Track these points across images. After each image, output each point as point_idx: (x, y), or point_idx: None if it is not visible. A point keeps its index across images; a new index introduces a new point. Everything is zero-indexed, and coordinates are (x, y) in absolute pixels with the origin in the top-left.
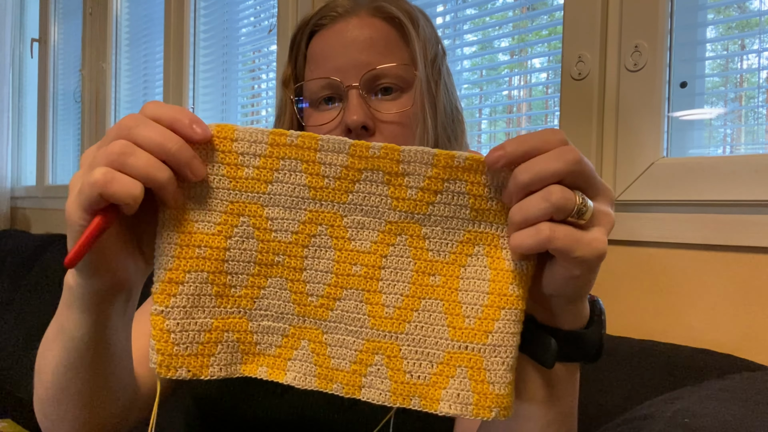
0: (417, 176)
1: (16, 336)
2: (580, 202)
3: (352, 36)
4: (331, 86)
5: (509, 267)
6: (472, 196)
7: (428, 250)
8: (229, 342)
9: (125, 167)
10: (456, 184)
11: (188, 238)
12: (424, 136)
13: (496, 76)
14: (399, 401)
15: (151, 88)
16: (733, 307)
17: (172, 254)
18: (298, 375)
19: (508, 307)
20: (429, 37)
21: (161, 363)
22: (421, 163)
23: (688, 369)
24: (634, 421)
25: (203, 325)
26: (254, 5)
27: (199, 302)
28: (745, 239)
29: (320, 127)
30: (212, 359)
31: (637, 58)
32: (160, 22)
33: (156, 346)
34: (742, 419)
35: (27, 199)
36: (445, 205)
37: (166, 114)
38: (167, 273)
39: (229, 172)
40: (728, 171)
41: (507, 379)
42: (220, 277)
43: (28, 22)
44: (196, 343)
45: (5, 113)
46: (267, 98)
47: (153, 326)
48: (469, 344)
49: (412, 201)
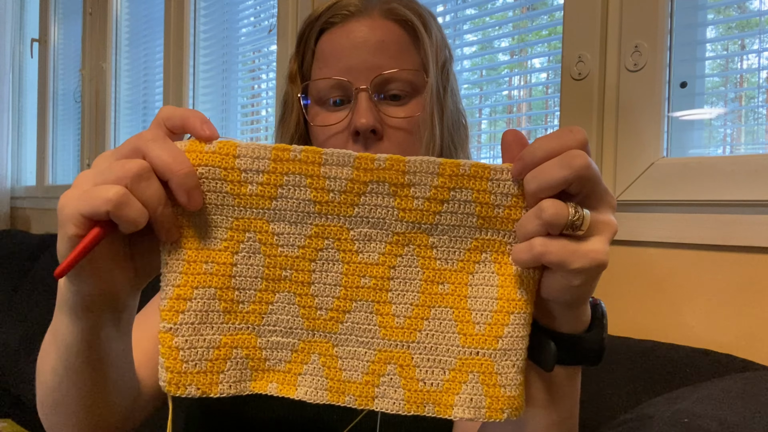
0: (423, 186)
1: (16, 336)
2: (573, 215)
3: (364, 37)
4: (341, 87)
5: (516, 272)
6: (479, 204)
7: (436, 259)
8: (238, 359)
9: (137, 191)
10: (462, 192)
11: (195, 254)
12: (431, 142)
13: (496, 76)
14: (413, 409)
15: (151, 88)
16: (733, 307)
17: (180, 270)
18: (309, 390)
19: (517, 311)
20: (439, 41)
21: (170, 381)
22: (427, 173)
23: (688, 369)
24: (634, 421)
25: (212, 342)
26: (254, 5)
27: (208, 318)
28: (745, 239)
29: (328, 128)
30: (221, 376)
31: (637, 58)
32: (160, 22)
33: (165, 364)
34: (742, 419)
35: (27, 199)
36: (452, 214)
37: (177, 114)
38: (175, 289)
39: (233, 189)
40: (728, 171)
41: (518, 380)
42: (228, 293)
43: (28, 22)
44: (205, 360)
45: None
46: (267, 98)
47: (162, 344)
48: (480, 350)
49: (419, 211)
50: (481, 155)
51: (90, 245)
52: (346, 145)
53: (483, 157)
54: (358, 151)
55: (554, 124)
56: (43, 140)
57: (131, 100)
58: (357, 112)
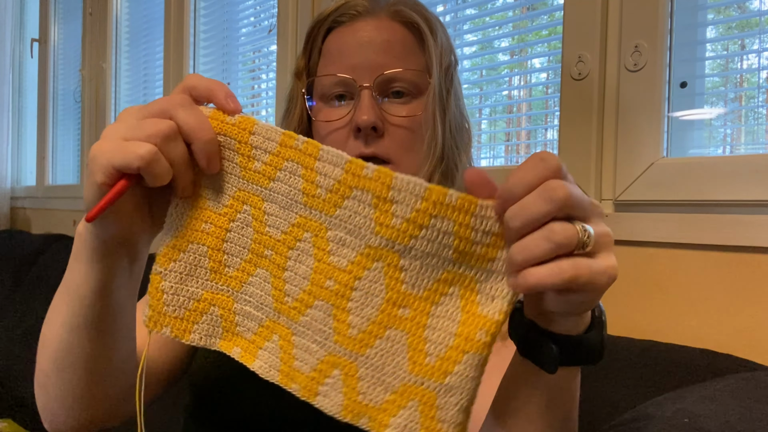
0: (405, 206)
1: (16, 336)
2: (582, 235)
3: (370, 36)
4: (344, 84)
5: (481, 312)
6: (458, 237)
7: (403, 282)
8: (214, 316)
9: (165, 150)
10: (443, 222)
11: (198, 213)
12: (433, 142)
13: (496, 76)
14: (349, 417)
15: (151, 88)
16: (733, 307)
17: (182, 223)
18: (264, 365)
19: (473, 351)
20: (445, 46)
21: (150, 318)
22: (412, 194)
23: (688, 369)
24: (634, 421)
25: (194, 294)
26: (254, 5)
27: (195, 272)
28: (744, 239)
29: (329, 123)
30: (195, 326)
31: (637, 58)
32: (160, 22)
33: (150, 302)
34: (742, 419)
35: (27, 199)
36: (429, 242)
37: (202, 84)
38: (173, 239)
39: (242, 161)
40: (728, 171)
41: (458, 419)
42: (218, 255)
43: (28, 22)
44: (183, 308)
45: (5, 113)
46: (267, 98)
47: (150, 283)
48: (425, 381)
49: (395, 230)
50: (481, 155)
51: (118, 194)
52: (347, 140)
53: (483, 157)
54: (358, 147)
55: (554, 124)
56: (43, 140)
57: (131, 100)
58: (359, 109)
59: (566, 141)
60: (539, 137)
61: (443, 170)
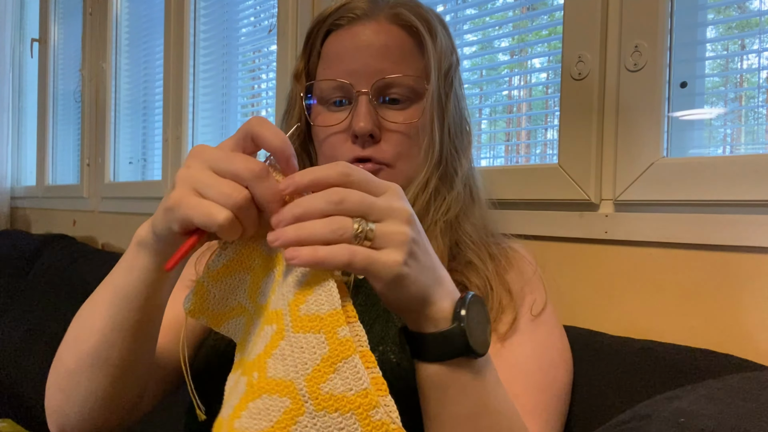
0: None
1: (16, 336)
2: (358, 227)
3: (368, 41)
4: (342, 89)
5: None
6: None
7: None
8: (240, 319)
9: (240, 216)
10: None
11: (252, 252)
12: (431, 148)
13: (496, 76)
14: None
15: (151, 88)
16: (733, 307)
17: (235, 255)
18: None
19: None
20: (445, 47)
21: (194, 305)
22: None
23: (688, 369)
24: (632, 420)
25: (231, 302)
26: (254, 5)
27: (237, 290)
28: (744, 239)
29: (328, 128)
30: (226, 323)
31: (637, 58)
32: (160, 22)
33: (195, 291)
34: (741, 419)
35: (27, 199)
36: None
37: (268, 139)
38: (225, 263)
39: None
40: (728, 171)
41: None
42: (255, 288)
43: (28, 22)
44: (222, 308)
45: (5, 113)
46: (267, 98)
47: (201, 280)
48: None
49: None
50: (481, 155)
51: (192, 246)
52: (344, 144)
53: (483, 157)
54: (355, 151)
55: (554, 124)
56: (43, 140)
57: (131, 100)
58: (356, 115)
59: (566, 141)
60: (539, 137)
61: (441, 174)
